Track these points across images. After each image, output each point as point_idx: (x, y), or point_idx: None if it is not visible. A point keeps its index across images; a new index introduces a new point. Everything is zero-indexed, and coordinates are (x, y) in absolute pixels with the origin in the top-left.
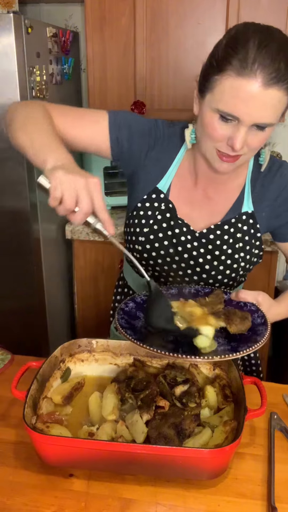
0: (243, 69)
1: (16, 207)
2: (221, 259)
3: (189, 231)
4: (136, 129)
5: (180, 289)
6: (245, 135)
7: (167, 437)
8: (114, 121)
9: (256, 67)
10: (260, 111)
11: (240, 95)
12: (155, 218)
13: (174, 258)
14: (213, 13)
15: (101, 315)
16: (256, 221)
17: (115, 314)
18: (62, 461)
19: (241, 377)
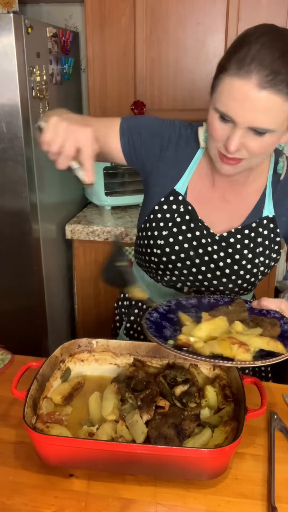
0: (239, 69)
1: (16, 207)
2: (242, 263)
3: (209, 234)
4: (147, 131)
5: (199, 299)
6: (240, 138)
7: (167, 437)
8: (124, 125)
9: (252, 68)
10: (254, 113)
11: (235, 95)
12: (174, 221)
13: (195, 261)
14: (213, 13)
15: (101, 315)
16: (276, 225)
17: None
18: (62, 461)
19: (241, 377)
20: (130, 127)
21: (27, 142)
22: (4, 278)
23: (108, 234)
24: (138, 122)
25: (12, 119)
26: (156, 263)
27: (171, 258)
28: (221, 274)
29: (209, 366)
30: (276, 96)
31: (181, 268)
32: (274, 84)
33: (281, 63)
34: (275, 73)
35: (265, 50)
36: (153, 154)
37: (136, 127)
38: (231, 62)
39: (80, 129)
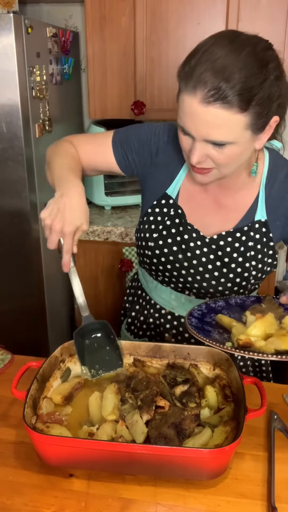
0: (186, 85)
1: (16, 207)
2: (231, 266)
3: (199, 236)
4: (138, 141)
5: (226, 301)
6: (200, 150)
7: (167, 437)
8: (116, 140)
9: (196, 83)
10: (204, 128)
11: (185, 110)
12: (164, 224)
13: (183, 264)
14: (213, 13)
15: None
16: (269, 230)
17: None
18: (62, 461)
19: (241, 377)
20: (122, 140)
21: (27, 142)
22: (4, 278)
23: (108, 234)
24: (128, 133)
25: (12, 119)
26: (149, 264)
27: (161, 260)
28: (210, 277)
29: (209, 366)
30: (222, 110)
31: (171, 270)
32: (218, 99)
33: (225, 76)
34: (217, 88)
35: (209, 63)
36: (146, 160)
37: (127, 139)
38: (181, 77)
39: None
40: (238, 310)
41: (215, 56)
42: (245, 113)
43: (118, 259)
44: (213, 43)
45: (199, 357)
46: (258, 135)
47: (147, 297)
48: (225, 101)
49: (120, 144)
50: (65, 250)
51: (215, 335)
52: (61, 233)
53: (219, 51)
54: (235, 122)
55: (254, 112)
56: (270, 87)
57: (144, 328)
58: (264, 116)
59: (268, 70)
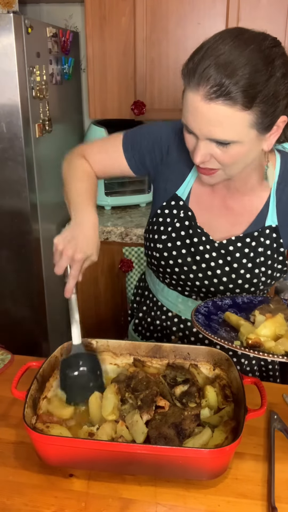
0: (189, 82)
1: (16, 207)
2: (240, 272)
3: (208, 240)
4: (148, 141)
5: (233, 299)
6: (204, 149)
7: (167, 437)
8: (126, 142)
9: (199, 80)
10: (206, 125)
11: (188, 108)
12: (173, 226)
13: (192, 267)
14: (213, 13)
15: (101, 315)
16: (279, 235)
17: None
18: (62, 461)
19: (241, 377)
20: (133, 143)
21: (27, 142)
22: (4, 278)
23: (108, 234)
24: (138, 134)
25: (12, 119)
26: (156, 265)
27: (169, 262)
28: (218, 282)
29: (209, 366)
30: (225, 107)
31: (179, 273)
32: (222, 94)
33: (228, 72)
34: (219, 85)
35: (213, 59)
36: (157, 159)
37: (137, 140)
38: (184, 74)
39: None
40: (245, 309)
41: (218, 52)
42: (249, 110)
43: (118, 259)
44: (217, 40)
45: (199, 357)
46: (264, 135)
47: (154, 298)
48: (228, 97)
49: (132, 148)
50: (72, 275)
51: (222, 333)
52: (71, 259)
53: (223, 47)
54: (238, 119)
55: (259, 110)
56: (276, 85)
57: (151, 330)
58: (270, 115)
59: (274, 67)
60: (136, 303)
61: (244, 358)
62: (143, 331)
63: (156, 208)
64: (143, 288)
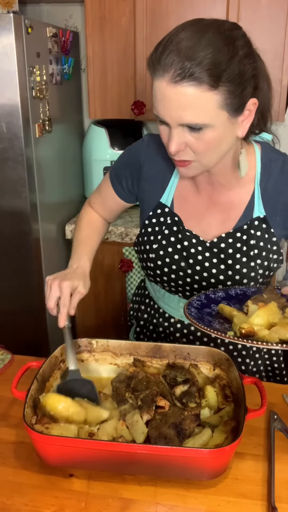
0: (155, 70)
1: (16, 207)
2: (236, 268)
3: (199, 242)
4: (125, 164)
5: (226, 291)
6: (177, 138)
7: (167, 437)
8: (111, 177)
9: (164, 65)
10: (176, 110)
11: (157, 96)
12: (162, 233)
13: (187, 271)
14: (213, 13)
15: (101, 315)
16: (269, 225)
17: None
18: (62, 461)
19: (241, 377)
20: (116, 175)
21: (27, 142)
22: (4, 278)
23: (108, 234)
24: (117, 165)
25: (12, 119)
26: (153, 275)
27: (164, 270)
28: (216, 281)
29: (209, 366)
30: (191, 88)
31: (176, 279)
32: (186, 75)
33: (190, 54)
34: (184, 66)
35: (175, 45)
36: (134, 180)
37: (117, 171)
38: (150, 65)
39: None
40: (239, 301)
41: (179, 39)
42: (216, 90)
43: (118, 259)
44: (178, 29)
45: (199, 357)
46: (236, 118)
47: (155, 305)
48: (192, 77)
49: (116, 179)
50: (63, 303)
51: (215, 325)
52: (59, 288)
53: (183, 34)
54: (207, 100)
55: (226, 90)
56: (240, 64)
57: (154, 337)
58: (238, 95)
59: (236, 47)
60: (136, 311)
61: (249, 358)
62: (145, 339)
63: (144, 220)
64: (143, 296)
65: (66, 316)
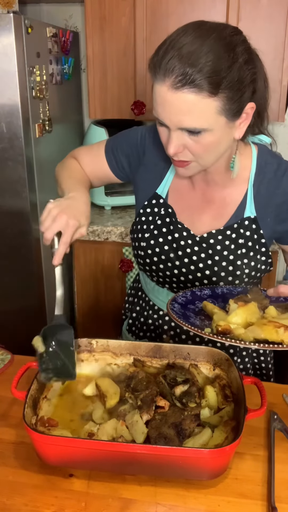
0: (155, 74)
1: (16, 207)
2: (222, 264)
3: (190, 235)
4: (127, 144)
5: (212, 290)
6: (176, 140)
7: (167, 437)
8: (107, 147)
9: (164, 70)
10: (176, 115)
11: (157, 100)
12: (155, 223)
13: (175, 263)
14: (213, 13)
15: (101, 315)
16: (259, 226)
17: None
18: (62, 461)
19: (241, 377)
20: (113, 146)
21: (27, 142)
22: (4, 278)
23: (108, 234)
24: (118, 139)
25: (12, 119)
26: (143, 264)
27: (153, 259)
28: (202, 275)
29: (209, 366)
30: (191, 95)
31: (164, 270)
32: (187, 82)
33: (191, 61)
34: (185, 73)
35: (176, 50)
36: (135, 162)
37: (117, 144)
38: (151, 68)
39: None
40: (224, 299)
41: (181, 43)
42: (215, 97)
43: (118, 259)
44: (179, 33)
45: (199, 357)
46: (234, 122)
47: (146, 298)
48: (193, 85)
49: (112, 151)
50: (63, 241)
51: (195, 321)
52: (65, 224)
53: (185, 38)
54: (206, 106)
55: (225, 96)
56: (239, 71)
57: (144, 330)
58: (237, 101)
59: (236, 54)
60: (129, 304)
61: (236, 356)
62: (136, 331)
63: (139, 209)
64: (137, 289)
65: (62, 254)
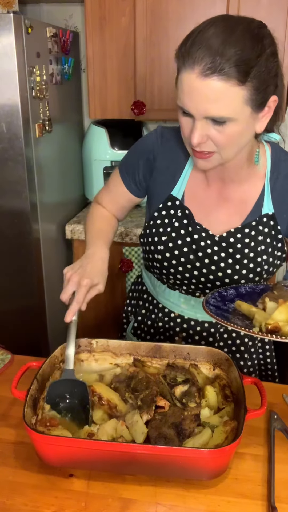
0: (184, 63)
1: (16, 207)
2: (243, 262)
3: (209, 235)
4: (135, 156)
5: (236, 289)
6: (201, 130)
7: (167, 437)
8: (121, 171)
9: (194, 58)
10: (203, 103)
11: (184, 88)
12: (172, 226)
13: (195, 264)
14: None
15: (101, 315)
16: (277, 222)
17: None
18: (62, 461)
19: (241, 377)
20: (126, 169)
21: (27, 142)
22: (4, 278)
23: None
24: (127, 158)
25: (12, 119)
26: (159, 268)
27: (172, 262)
28: (223, 275)
29: (209, 366)
30: (220, 83)
31: (183, 272)
32: (216, 70)
33: (221, 50)
34: (215, 61)
35: (205, 40)
36: (146, 171)
37: (129, 164)
38: (178, 57)
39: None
40: (250, 298)
41: (210, 33)
42: (243, 86)
43: (118, 259)
44: (206, 24)
45: (199, 357)
46: (258, 113)
47: (154, 301)
48: (222, 73)
49: (127, 173)
50: (77, 300)
51: (237, 321)
52: (78, 284)
53: (213, 29)
54: (233, 95)
55: (253, 86)
56: (267, 61)
57: (152, 332)
58: (262, 92)
59: (263, 45)
60: (132, 307)
61: (247, 353)
62: (142, 334)
63: (153, 212)
64: (140, 291)
65: (75, 312)
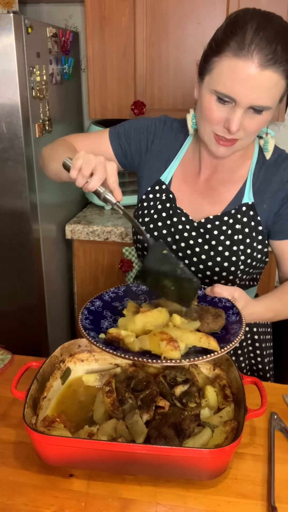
0: (240, 50)
1: (16, 207)
2: (219, 249)
3: (188, 220)
4: (134, 129)
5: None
6: (241, 118)
7: (167, 437)
8: (113, 131)
9: (253, 49)
10: (256, 92)
11: (237, 76)
12: (156, 208)
13: (172, 247)
14: (213, 13)
15: None
16: (256, 213)
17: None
18: (62, 461)
19: (241, 377)
20: (119, 131)
21: (27, 142)
22: (4, 278)
23: (108, 234)
24: (125, 124)
25: (12, 119)
26: (141, 249)
27: None
28: (198, 260)
29: (209, 366)
30: (276, 74)
31: None
32: (274, 62)
33: (277, 42)
34: (274, 53)
35: (261, 31)
36: (141, 148)
37: (124, 129)
38: (230, 44)
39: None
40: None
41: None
42: (286, 79)
43: (118, 259)
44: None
45: None
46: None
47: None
48: (280, 65)
49: (117, 135)
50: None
51: (105, 323)
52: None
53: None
54: (280, 86)
55: None
56: None
57: None
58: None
59: None
60: None
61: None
62: None
63: (141, 195)
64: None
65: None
